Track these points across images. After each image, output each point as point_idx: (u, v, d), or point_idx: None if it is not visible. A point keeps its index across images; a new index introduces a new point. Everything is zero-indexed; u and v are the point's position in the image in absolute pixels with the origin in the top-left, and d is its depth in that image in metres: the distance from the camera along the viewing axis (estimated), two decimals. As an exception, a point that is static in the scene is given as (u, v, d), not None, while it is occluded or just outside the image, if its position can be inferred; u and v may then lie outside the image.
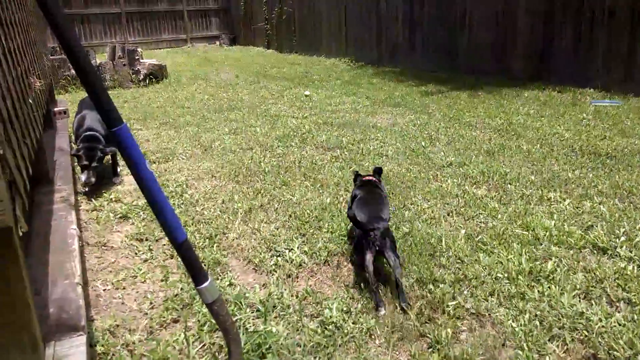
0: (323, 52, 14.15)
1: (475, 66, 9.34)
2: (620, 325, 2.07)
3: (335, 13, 13.36)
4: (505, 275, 2.47)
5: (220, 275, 2.63)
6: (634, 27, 6.70)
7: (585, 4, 7.22)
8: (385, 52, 11.68)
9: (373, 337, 2.11)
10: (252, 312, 2.27)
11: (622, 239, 2.77)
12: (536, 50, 8.12)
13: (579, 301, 2.26)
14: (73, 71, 7.00)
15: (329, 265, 2.70)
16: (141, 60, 9.77)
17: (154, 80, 9.79)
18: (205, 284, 1.54)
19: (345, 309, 2.27)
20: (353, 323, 2.17)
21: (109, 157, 4.07)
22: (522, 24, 8.27)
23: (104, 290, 2.54)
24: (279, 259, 2.76)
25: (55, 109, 5.31)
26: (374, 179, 2.94)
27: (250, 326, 2.16)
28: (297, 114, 6.54)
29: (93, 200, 3.72)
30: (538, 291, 2.33)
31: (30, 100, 2.33)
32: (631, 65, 6.81)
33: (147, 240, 3.08)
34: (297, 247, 2.87)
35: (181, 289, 2.48)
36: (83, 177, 3.63)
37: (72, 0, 16.74)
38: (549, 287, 2.35)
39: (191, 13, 19.65)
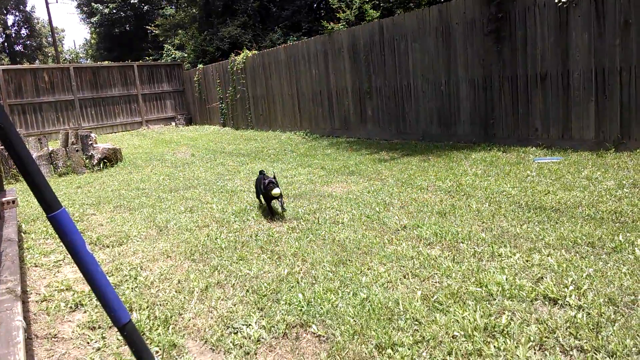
0: (278, 127, 14.50)
1: (424, 133, 9.74)
2: (574, 374, 2.10)
3: (287, 89, 13.83)
4: (462, 333, 2.49)
5: (176, 359, 2.54)
6: (564, 88, 7.22)
7: (519, 70, 7.76)
8: (338, 124, 12.07)
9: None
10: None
11: (571, 288, 2.85)
12: (479, 115, 8.58)
13: (534, 353, 2.29)
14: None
15: (287, 338, 2.66)
16: (95, 145, 9.76)
17: (108, 164, 9.75)
18: (152, 366, 1.51)
19: (304, 382, 2.22)
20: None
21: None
22: (464, 92, 8.77)
23: (51, 385, 2.41)
24: (237, 336, 2.70)
25: (4, 199, 5.19)
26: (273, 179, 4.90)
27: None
28: (253, 188, 6.60)
29: (43, 290, 3.59)
30: (494, 346, 2.35)
31: (-28, 191, 2.29)
32: (567, 123, 7.26)
33: (99, 328, 2.98)
34: (255, 322, 2.82)
35: (134, 376, 2.38)
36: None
37: (24, 91, 16.84)
38: (504, 342, 2.37)
39: (146, 96, 19.98)
